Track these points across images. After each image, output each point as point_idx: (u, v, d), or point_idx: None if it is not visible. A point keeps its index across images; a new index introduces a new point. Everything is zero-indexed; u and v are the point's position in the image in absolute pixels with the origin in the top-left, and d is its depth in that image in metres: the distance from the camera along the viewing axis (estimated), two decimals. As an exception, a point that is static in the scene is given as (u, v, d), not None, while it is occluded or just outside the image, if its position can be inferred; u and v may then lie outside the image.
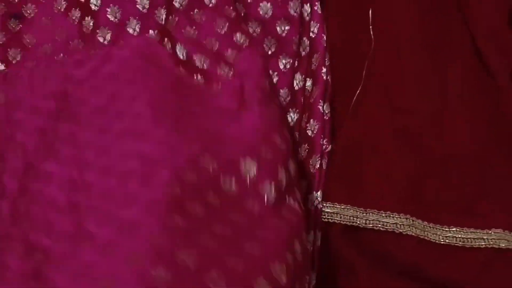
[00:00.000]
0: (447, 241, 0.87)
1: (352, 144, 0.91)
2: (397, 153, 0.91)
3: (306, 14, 0.95)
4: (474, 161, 0.90)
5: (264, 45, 0.92)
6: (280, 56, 0.92)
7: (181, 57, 0.87)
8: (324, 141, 0.92)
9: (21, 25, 0.92)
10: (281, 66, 0.91)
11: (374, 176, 0.89)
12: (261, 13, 0.93)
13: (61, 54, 0.89)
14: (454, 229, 0.87)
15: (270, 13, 0.93)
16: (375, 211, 0.88)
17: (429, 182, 0.90)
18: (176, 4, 0.90)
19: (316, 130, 0.91)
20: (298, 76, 0.92)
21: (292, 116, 0.91)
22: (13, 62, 0.90)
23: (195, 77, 0.85)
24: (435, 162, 0.90)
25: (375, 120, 0.92)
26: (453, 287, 0.85)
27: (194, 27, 0.89)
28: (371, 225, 0.87)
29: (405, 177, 0.90)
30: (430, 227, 0.88)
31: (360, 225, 0.87)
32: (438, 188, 0.89)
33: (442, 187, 0.89)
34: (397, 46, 0.96)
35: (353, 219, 0.88)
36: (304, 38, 0.95)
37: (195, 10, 0.89)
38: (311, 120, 0.91)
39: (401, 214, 0.88)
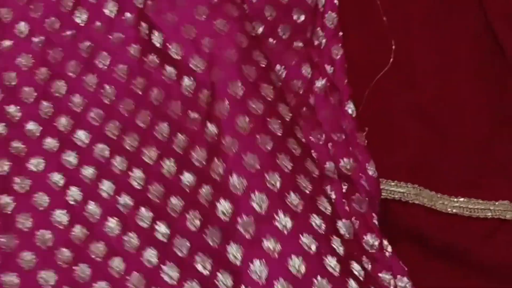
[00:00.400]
0: (454, 210, 0.88)
1: (368, 118, 0.91)
2: (409, 127, 0.92)
3: (320, 5, 0.95)
4: (483, 136, 0.92)
5: (279, 30, 0.92)
6: (294, 43, 0.92)
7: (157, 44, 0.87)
8: None
9: None
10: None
11: (384, 147, 0.90)
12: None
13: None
14: (462, 199, 0.88)
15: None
16: (383, 180, 0.88)
17: (438, 155, 0.91)
18: None
19: None
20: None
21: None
22: None
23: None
24: (445, 137, 0.92)
25: (390, 95, 0.94)
26: (457, 252, 0.86)
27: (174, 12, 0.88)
28: (379, 193, 0.88)
29: (415, 149, 0.91)
30: (437, 197, 0.89)
31: (368, 194, 0.88)
32: (447, 160, 0.90)
33: (451, 160, 0.90)
34: (408, 23, 0.97)
35: (362, 188, 0.88)
36: (318, 29, 0.94)
37: None
38: None
39: (408, 184, 0.89)
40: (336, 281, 0.74)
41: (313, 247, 0.75)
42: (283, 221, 0.76)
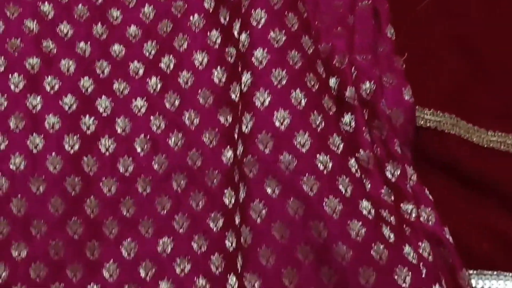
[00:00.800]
0: (491, 145, 0.85)
1: (407, 45, 0.88)
2: (450, 56, 0.89)
3: None
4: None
5: None
6: None
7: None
8: None
9: None
10: None
11: (422, 75, 0.87)
12: None
13: None
14: (500, 133, 0.85)
15: None
16: (419, 108, 0.85)
17: (479, 86, 0.88)
18: None
19: None
20: None
21: None
22: None
23: None
24: (485, 70, 0.89)
25: (432, 24, 0.91)
26: (490, 185, 0.83)
27: None
28: (413, 121, 0.85)
29: (455, 79, 0.88)
30: (474, 129, 0.86)
31: (403, 120, 0.85)
32: (487, 92, 0.88)
33: (491, 92, 0.88)
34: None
35: (396, 114, 0.85)
36: None
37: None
38: None
39: (445, 113, 0.86)
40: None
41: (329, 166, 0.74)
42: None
